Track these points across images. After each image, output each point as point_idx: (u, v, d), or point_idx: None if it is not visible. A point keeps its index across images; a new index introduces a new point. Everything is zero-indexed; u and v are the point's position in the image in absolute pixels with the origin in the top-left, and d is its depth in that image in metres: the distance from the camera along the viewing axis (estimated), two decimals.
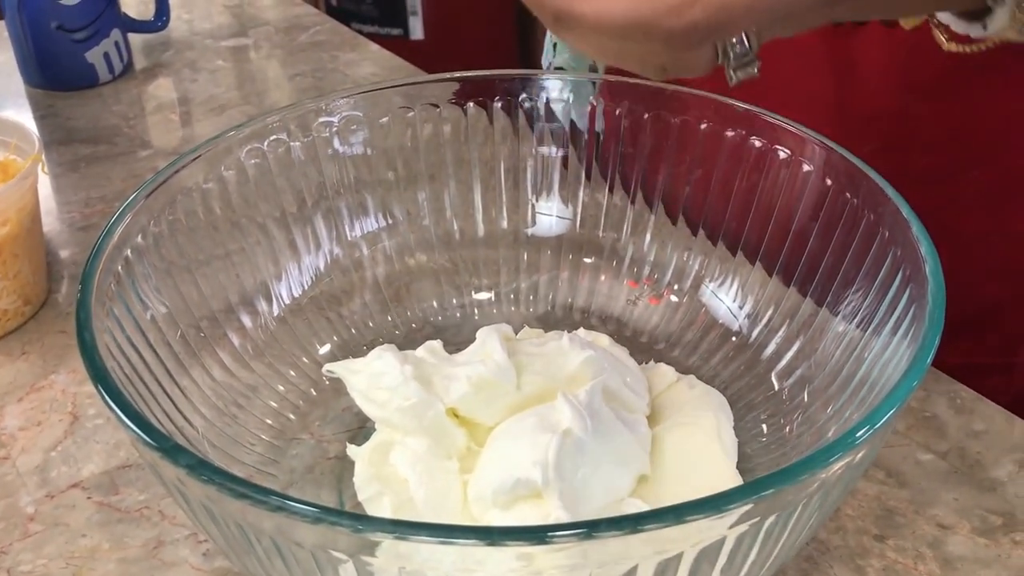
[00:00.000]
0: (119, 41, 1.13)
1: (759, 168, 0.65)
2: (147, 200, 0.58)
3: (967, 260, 0.76)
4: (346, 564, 0.42)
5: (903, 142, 0.76)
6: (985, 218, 0.78)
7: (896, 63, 0.73)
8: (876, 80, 0.75)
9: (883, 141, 0.75)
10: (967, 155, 0.76)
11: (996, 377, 0.80)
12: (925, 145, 0.76)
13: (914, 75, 0.73)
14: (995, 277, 0.80)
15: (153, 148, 1.01)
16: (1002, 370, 0.83)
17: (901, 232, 0.55)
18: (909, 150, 0.76)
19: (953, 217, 0.74)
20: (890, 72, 0.74)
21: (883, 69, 0.74)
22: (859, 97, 0.76)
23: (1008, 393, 0.71)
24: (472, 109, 0.70)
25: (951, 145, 0.76)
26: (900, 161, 0.67)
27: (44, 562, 0.59)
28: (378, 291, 0.71)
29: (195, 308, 0.61)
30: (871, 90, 0.75)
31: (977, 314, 0.80)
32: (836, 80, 0.76)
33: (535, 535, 0.39)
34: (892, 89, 0.75)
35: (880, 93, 0.75)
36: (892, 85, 0.75)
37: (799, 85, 0.77)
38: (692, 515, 0.40)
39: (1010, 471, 0.63)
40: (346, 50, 1.21)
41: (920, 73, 0.73)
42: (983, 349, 0.82)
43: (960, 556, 0.58)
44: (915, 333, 0.50)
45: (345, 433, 0.63)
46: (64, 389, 0.71)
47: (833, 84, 0.76)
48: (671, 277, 0.71)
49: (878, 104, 0.76)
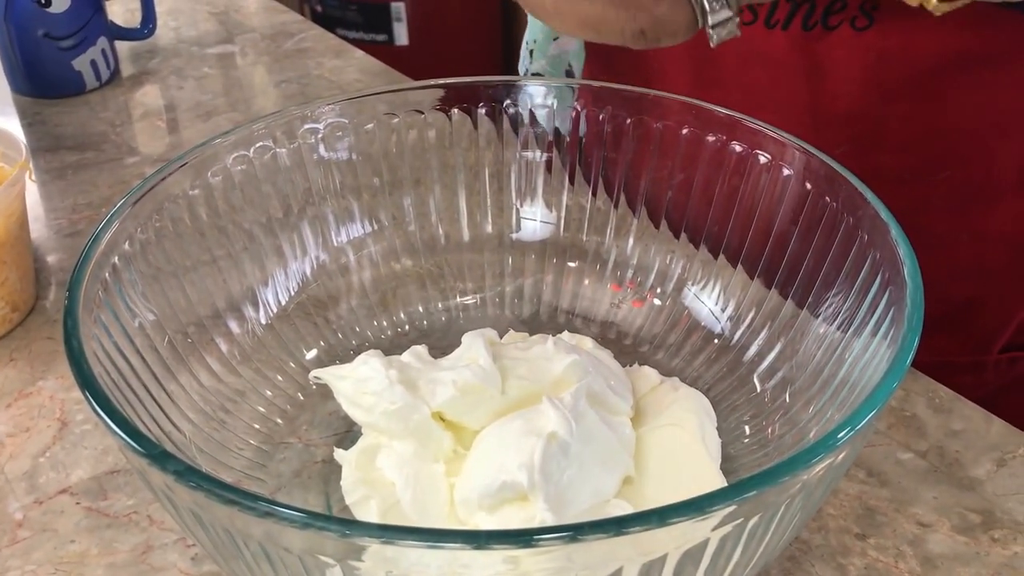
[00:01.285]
0: (106, 49, 1.13)
1: (740, 172, 0.65)
2: (134, 207, 0.58)
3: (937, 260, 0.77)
4: (333, 568, 0.42)
5: (874, 144, 0.77)
6: (955, 218, 0.79)
7: (866, 66, 0.74)
8: (847, 83, 0.76)
9: (855, 143, 0.76)
10: (937, 157, 0.77)
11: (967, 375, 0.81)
12: (896, 147, 0.77)
13: (884, 78, 0.74)
14: (965, 276, 0.81)
15: (140, 155, 1.01)
16: (973, 368, 0.84)
17: (880, 235, 0.55)
18: (880, 152, 0.77)
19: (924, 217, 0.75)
20: (861, 75, 0.75)
21: (854, 72, 0.75)
22: (830, 100, 0.77)
23: (979, 390, 0.72)
24: (456, 115, 0.70)
25: (921, 147, 0.77)
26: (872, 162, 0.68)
27: (33, 568, 0.59)
28: (364, 296, 0.71)
29: (182, 314, 0.61)
30: (842, 93, 0.76)
31: (948, 313, 0.81)
32: (808, 84, 0.77)
33: (521, 538, 0.39)
34: (863, 92, 0.75)
35: (851, 96, 0.76)
36: (862, 88, 0.75)
37: (772, 89, 0.78)
38: (676, 517, 0.40)
39: (988, 469, 0.64)
40: (331, 57, 1.21)
41: (890, 76, 0.74)
42: (954, 347, 0.83)
43: (940, 554, 0.59)
44: (894, 335, 0.51)
45: (332, 437, 0.64)
46: (52, 395, 0.71)
47: (805, 87, 0.77)
48: (654, 280, 0.71)
49: (849, 107, 0.76)
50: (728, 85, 0.79)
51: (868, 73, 0.75)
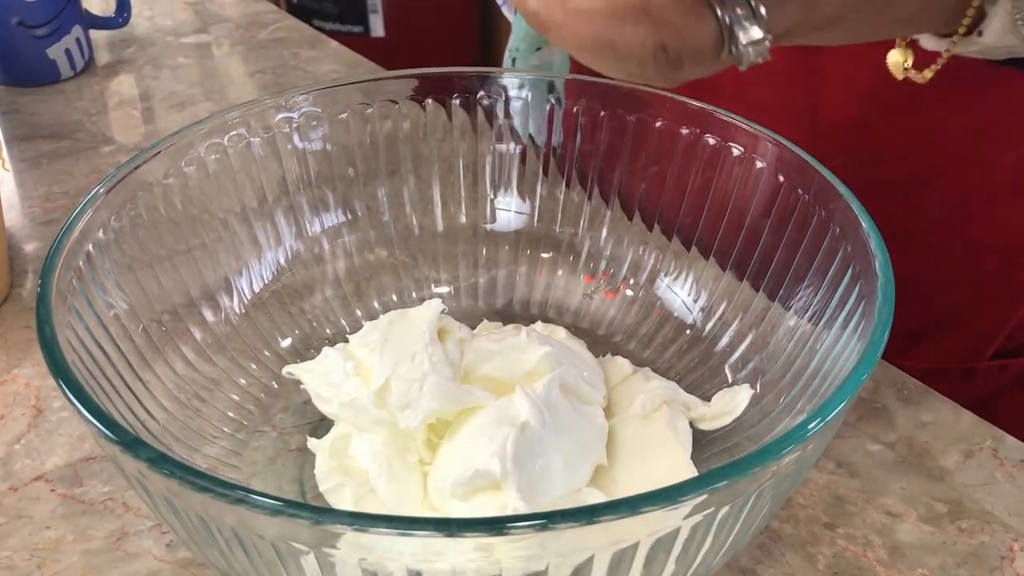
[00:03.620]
0: (80, 37, 1.12)
1: (713, 165, 0.66)
2: (108, 195, 0.58)
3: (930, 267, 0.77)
4: (307, 556, 0.42)
5: (871, 155, 0.77)
6: (948, 226, 0.79)
7: (864, 77, 0.74)
8: (845, 94, 0.76)
9: (851, 153, 0.76)
10: (932, 166, 0.77)
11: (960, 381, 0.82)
12: (892, 157, 0.78)
13: (881, 89, 0.74)
14: (958, 284, 0.82)
15: (115, 144, 1.01)
16: (965, 375, 0.85)
17: (851, 228, 0.56)
18: (876, 163, 0.77)
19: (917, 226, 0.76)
20: (859, 86, 0.75)
21: (852, 83, 0.75)
22: (828, 111, 0.77)
23: (969, 396, 0.72)
24: (431, 106, 0.70)
25: (917, 157, 0.77)
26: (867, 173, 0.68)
27: (8, 554, 0.59)
28: (339, 285, 0.72)
29: (157, 302, 0.61)
30: (840, 103, 0.76)
31: (941, 320, 0.82)
32: (805, 94, 0.77)
33: (493, 526, 0.39)
34: (860, 103, 0.76)
35: (848, 107, 0.76)
36: (860, 99, 0.75)
37: (769, 99, 0.78)
38: (647, 506, 0.40)
39: (956, 460, 0.64)
40: (306, 47, 1.21)
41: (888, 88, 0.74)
42: (946, 354, 0.84)
43: (908, 543, 0.59)
44: (864, 327, 0.51)
45: (307, 425, 0.64)
46: (28, 383, 0.71)
47: (802, 98, 0.77)
48: (627, 271, 0.72)
49: (847, 117, 0.77)
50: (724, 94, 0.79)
51: (866, 84, 0.75)
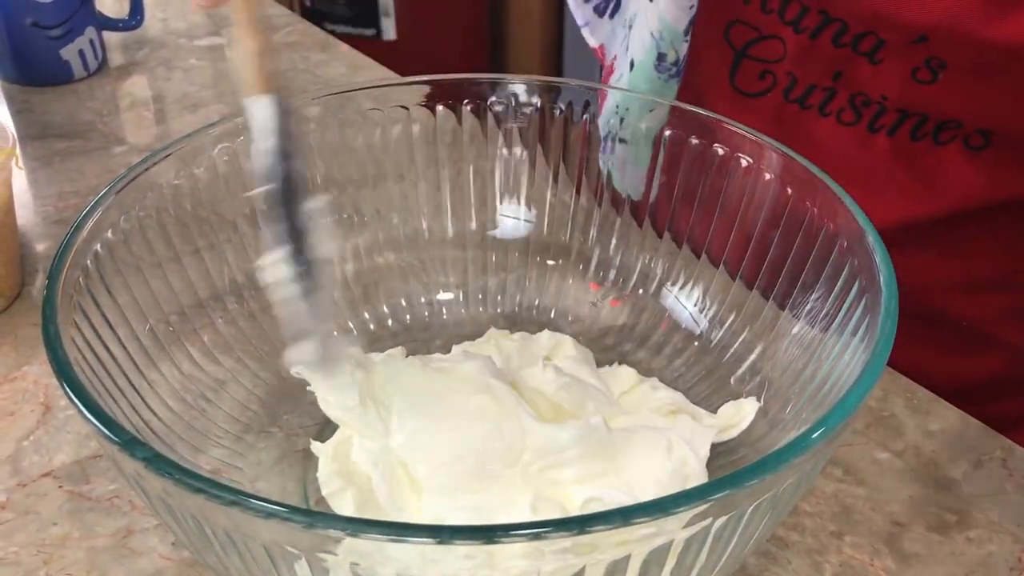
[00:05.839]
0: (94, 39, 1.13)
1: (722, 175, 0.66)
2: (118, 196, 0.58)
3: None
4: (300, 560, 0.42)
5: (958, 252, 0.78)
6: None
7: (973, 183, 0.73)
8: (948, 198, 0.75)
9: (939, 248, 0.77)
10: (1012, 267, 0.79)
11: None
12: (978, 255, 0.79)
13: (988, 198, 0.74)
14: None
15: (127, 144, 1.01)
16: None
17: (857, 241, 0.55)
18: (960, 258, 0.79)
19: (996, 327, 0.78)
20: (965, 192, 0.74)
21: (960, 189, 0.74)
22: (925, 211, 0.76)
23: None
24: (441, 111, 0.70)
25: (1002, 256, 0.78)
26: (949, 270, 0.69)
27: (15, 550, 0.59)
28: (347, 288, 0.72)
29: (164, 303, 0.62)
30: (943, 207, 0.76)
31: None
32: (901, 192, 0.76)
33: (484, 535, 0.39)
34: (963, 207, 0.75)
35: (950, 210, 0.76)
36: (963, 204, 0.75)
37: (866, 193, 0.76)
38: (640, 517, 0.40)
39: (964, 470, 0.64)
40: (317, 51, 1.21)
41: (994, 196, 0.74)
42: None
43: (915, 553, 0.59)
44: (869, 341, 0.51)
45: (313, 427, 0.64)
46: (36, 380, 0.71)
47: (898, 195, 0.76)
48: (636, 280, 0.72)
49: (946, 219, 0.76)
50: None
51: (973, 191, 0.74)
